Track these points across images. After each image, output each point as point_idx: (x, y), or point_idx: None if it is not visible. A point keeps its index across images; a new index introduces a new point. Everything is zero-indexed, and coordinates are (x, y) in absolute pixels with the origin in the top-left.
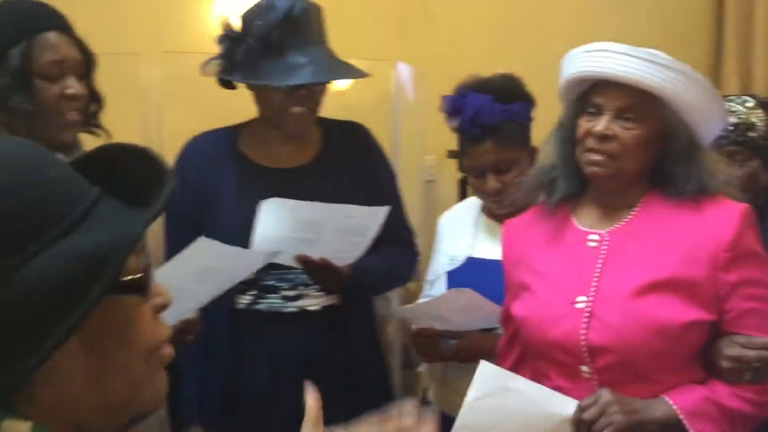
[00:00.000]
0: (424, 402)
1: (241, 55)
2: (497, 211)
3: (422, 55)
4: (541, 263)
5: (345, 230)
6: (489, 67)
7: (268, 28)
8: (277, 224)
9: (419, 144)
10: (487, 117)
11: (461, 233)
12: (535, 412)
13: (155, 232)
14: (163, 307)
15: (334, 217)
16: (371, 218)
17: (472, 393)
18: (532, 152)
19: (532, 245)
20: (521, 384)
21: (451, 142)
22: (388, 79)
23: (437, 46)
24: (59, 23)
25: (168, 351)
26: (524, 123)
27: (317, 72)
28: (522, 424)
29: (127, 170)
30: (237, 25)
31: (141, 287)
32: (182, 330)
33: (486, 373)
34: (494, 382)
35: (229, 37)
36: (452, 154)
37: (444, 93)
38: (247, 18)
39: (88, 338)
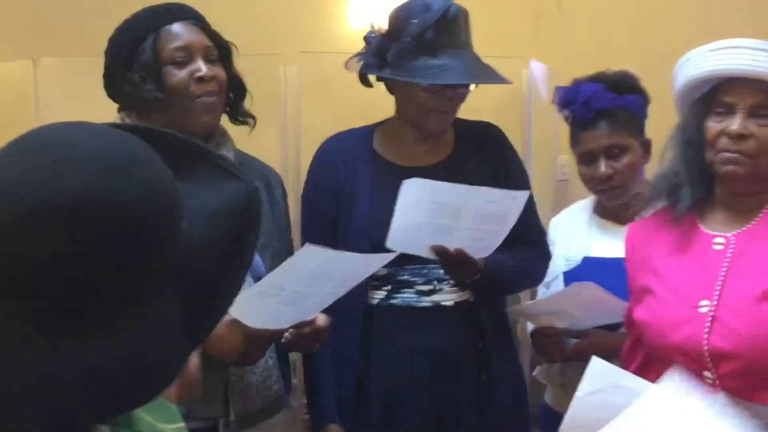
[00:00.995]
0: (544, 405)
1: (394, 52)
2: (608, 203)
3: (555, 52)
4: (664, 267)
5: (483, 216)
6: (623, 65)
7: (424, 27)
8: (416, 208)
9: (552, 143)
10: (600, 101)
11: (575, 234)
12: None
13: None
14: None
15: (473, 200)
16: (511, 203)
17: (582, 388)
18: (646, 144)
19: (656, 249)
20: (633, 382)
21: None
22: (521, 76)
23: (571, 43)
24: (186, 15)
25: None
26: (637, 114)
27: (466, 74)
28: None
29: None
30: (384, 26)
31: None
32: (308, 330)
33: (597, 369)
34: (605, 378)
35: (380, 35)
36: None
37: None
38: (402, 16)
39: None
